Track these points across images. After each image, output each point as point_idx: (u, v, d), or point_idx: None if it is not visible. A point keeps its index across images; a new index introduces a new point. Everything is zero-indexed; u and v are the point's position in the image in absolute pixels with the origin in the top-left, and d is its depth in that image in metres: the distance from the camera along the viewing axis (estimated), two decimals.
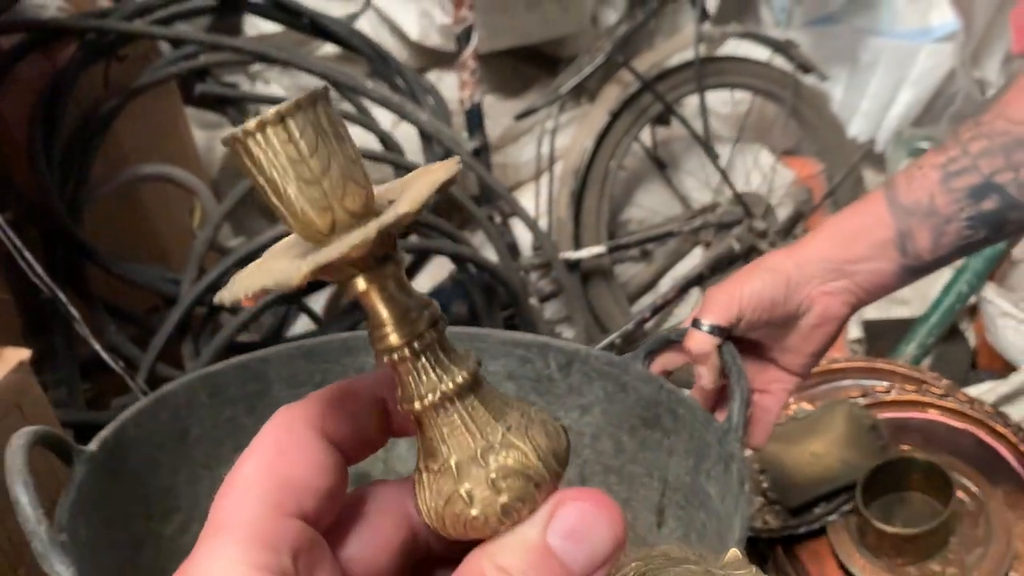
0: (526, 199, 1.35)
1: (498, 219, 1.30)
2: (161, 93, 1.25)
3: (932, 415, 0.99)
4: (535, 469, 0.25)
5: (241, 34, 1.69)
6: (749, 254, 1.41)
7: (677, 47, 1.38)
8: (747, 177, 1.50)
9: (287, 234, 0.25)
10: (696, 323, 0.63)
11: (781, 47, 1.46)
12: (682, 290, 1.39)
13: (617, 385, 0.66)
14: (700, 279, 1.39)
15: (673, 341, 0.65)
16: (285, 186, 0.23)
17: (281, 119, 0.22)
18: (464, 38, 1.29)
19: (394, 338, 0.24)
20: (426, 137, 1.31)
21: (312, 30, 1.33)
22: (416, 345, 0.25)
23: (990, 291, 1.22)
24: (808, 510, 0.91)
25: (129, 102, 1.20)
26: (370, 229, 0.22)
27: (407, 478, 0.27)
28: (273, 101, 1.58)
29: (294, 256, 0.24)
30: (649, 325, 1.35)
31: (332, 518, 0.26)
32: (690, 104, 1.47)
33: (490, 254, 1.26)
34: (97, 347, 0.98)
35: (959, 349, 1.27)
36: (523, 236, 1.38)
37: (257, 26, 1.66)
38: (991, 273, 1.24)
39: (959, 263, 1.27)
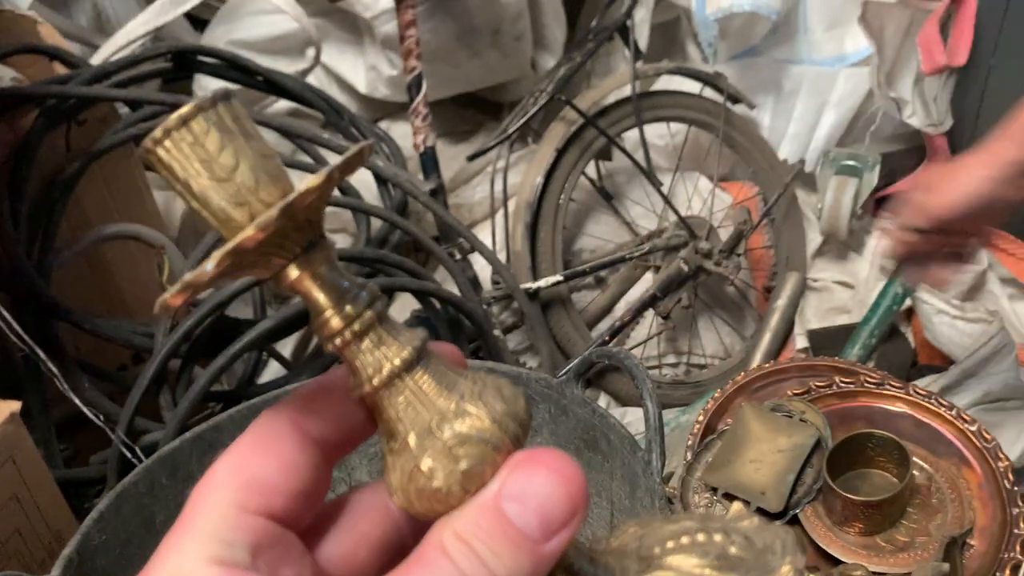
0: (483, 235, 1.41)
1: (458, 256, 1.36)
2: (121, 155, 1.28)
3: (871, 402, 1.06)
4: (492, 433, 0.24)
5: (192, 96, 1.73)
6: (697, 274, 1.48)
7: (615, 85, 1.46)
8: (688, 203, 1.58)
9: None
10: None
11: (711, 80, 1.56)
12: (637, 312, 1.45)
13: (559, 408, 0.69)
14: (653, 300, 1.45)
15: (595, 363, 0.70)
16: (200, 187, 0.23)
17: (184, 123, 0.23)
18: (415, 86, 1.35)
19: (335, 322, 0.25)
20: (382, 182, 1.36)
21: (266, 87, 1.38)
22: (356, 327, 0.25)
23: (924, 291, 1.31)
24: (788, 502, 0.97)
25: (90, 165, 1.23)
26: (271, 210, 0.22)
27: (376, 481, 0.28)
28: None
29: None
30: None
31: (309, 516, 0.26)
32: (630, 138, 1.55)
33: (452, 289, 1.31)
34: (79, 403, 0.99)
35: (900, 349, 1.35)
36: (483, 271, 1.43)
37: (207, 87, 1.71)
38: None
39: (891, 266, 1.36)
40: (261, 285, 1.30)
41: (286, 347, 1.40)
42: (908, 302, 1.33)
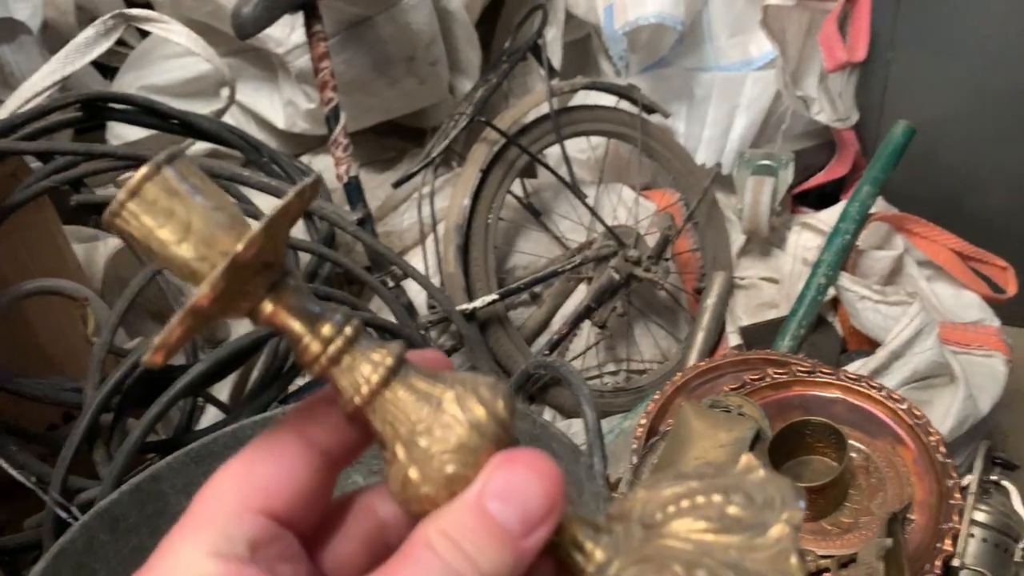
0: (415, 261, 1.41)
1: (391, 283, 1.35)
2: (35, 208, 1.24)
3: (804, 390, 1.10)
4: (470, 437, 0.26)
5: (106, 143, 1.69)
6: (629, 281, 1.50)
7: (532, 103, 1.48)
8: (614, 213, 1.61)
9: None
10: None
11: (625, 92, 1.59)
12: (573, 325, 1.47)
13: None
14: (588, 311, 1.47)
15: (534, 376, 0.70)
16: (160, 249, 0.25)
17: (134, 194, 0.24)
18: (333, 117, 1.35)
19: (313, 347, 0.26)
20: (308, 215, 1.35)
21: (182, 130, 1.36)
22: (332, 350, 0.26)
23: (846, 279, 1.35)
24: None
25: (3, 222, 1.19)
26: (216, 272, 0.23)
27: (373, 484, 0.29)
28: None
29: None
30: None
31: (313, 519, 0.27)
32: (552, 154, 1.57)
33: (388, 317, 1.30)
34: (7, 467, 0.96)
35: (828, 337, 1.39)
36: (418, 296, 1.43)
37: (121, 135, 1.68)
38: (844, 263, 1.38)
39: (814, 259, 1.40)
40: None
41: (223, 390, 1.37)
42: (832, 291, 1.37)
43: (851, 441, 1.04)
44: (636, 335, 1.61)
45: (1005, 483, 1.08)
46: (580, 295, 1.52)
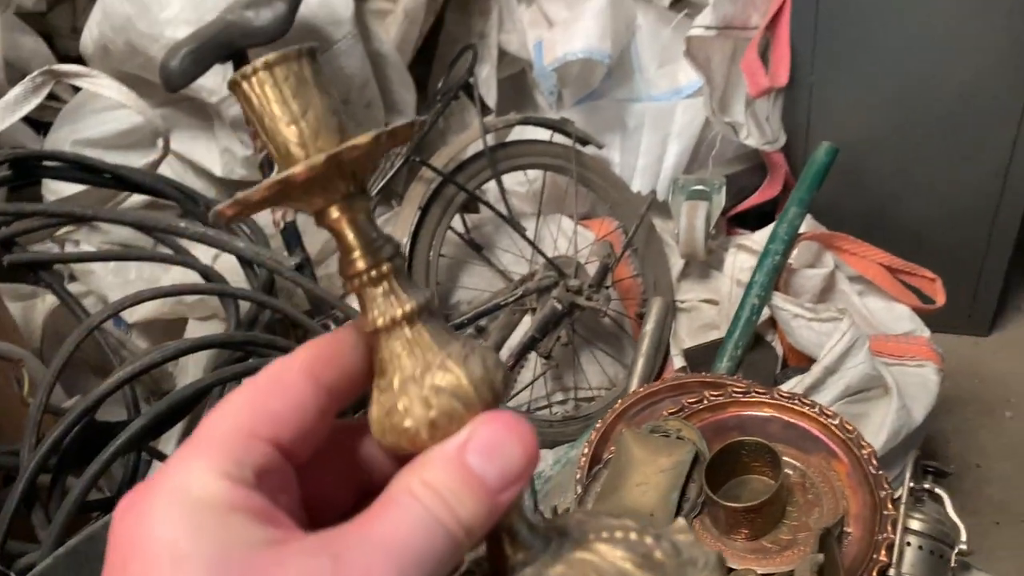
0: (356, 303, 1.41)
1: (333, 326, 1.36)
2: None
3: (740, 411, 1.12)
4: (464, 392, 0.27)
5: (41, 201, 1.68)
6: (572, 311, 1.52)
7: (467, 141, 1.51)
8: (555, 244, 1.63)
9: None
10: None
11: (559, 126, 1.62)
12: (519, 356, 1.48)
13: None
14: (533, 342, 1.49)
15: None
16: (270, 123, 0.27)
17: (269, 67, 0.26)
18: (267, 164, 1.36)
19: (360, 264, 0.28)
20: (247, 263, 1.35)
21: (116, 183, 1.35)
22: (375, 273, 0.28)
23: (779, 299, 1.39)
24: (676, 518, 1.00)
25: None
26: (320, 155, 0.26)
27: (354, 419, 0.31)
28: (91, 259, 1.57)
29: None
30: None
31: (309, 453, 0.28)
32: (492, 189, 1.60)
33: None
34: None
35: (766, 356, 1.43)
36: None
37: (57, 191, 1.67)
38: (776, 283, 1.41)
39: (748, 279, 1.44)
40: (131, 384, 1.27)
41: (169, 443, 1.36)
42: (767, 311, 1.40)
43: (786, 458, 1.06)
44: (583, 363, 1.63)
45: (938, 491, 1.11)
46: (525, 327, 1.54)
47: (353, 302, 1.50)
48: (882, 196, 1.78)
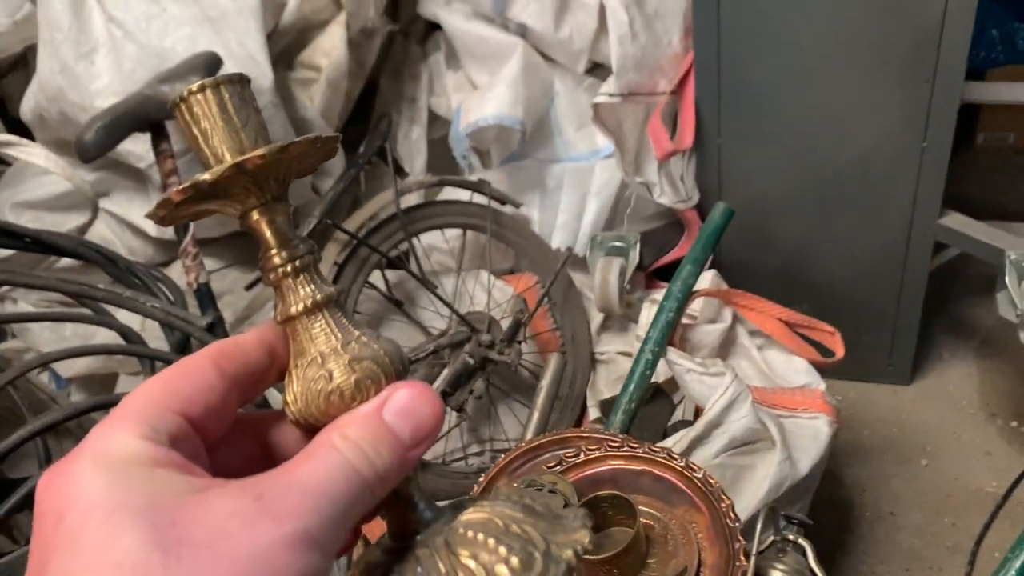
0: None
1: None
2: None
3: (614, 465, 1.17)
4: (381, 360, 0.32)
5: None
6: (485, 364, 1.58)
7: (379, 204, 1.58)
8: (472, 299, 1.69)
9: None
10: None
11: (475, 186, 1.70)
12: None
13: None
14: (444, 396, 1.54)
15: None
16: (213, 131, 0.31)
17: (217, 85, 0.31)
18: (182, 229, 1.43)
19: (277, 259, 0.32)
20: (162, 323, 1.41)
21: (37, 247, 1.42)
22: (294, 265, 0.32)
23: (673, 354, 1.44)
24: None
25: None
26: (226, 163, 0.30)
27: (267, 410, 0.36)
28: (9, 320, 1.63)
29: None
30: None
31: (217, 434, 0.32)
32: (424, 242, 1.66)
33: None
34: None
35: (661, 409, 1.48)
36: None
37: None
38: (670, 339, 1.47)
39: (643, 334, 1.49)
40: (43, 437, 1.32)
41: None
42: (662, 365, 1.45)
43: (652, 511, 1.11)
44: (500, 414, 1.68)
45: (801, 541, 1.16)
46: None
47: None
48: (794, 253, 1.84)
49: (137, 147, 1.58)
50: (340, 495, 0.29)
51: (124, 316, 1.48)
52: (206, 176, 0.30)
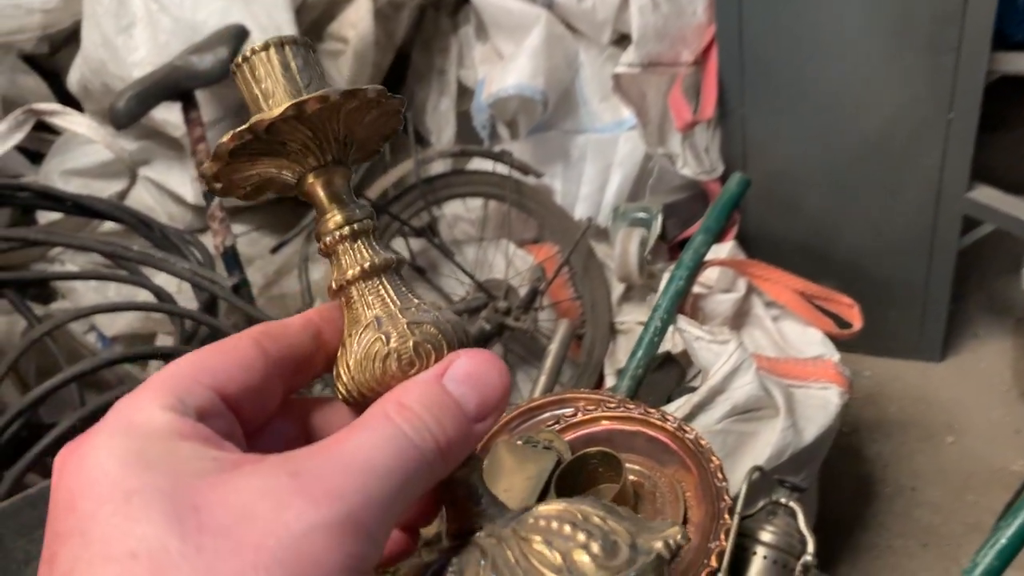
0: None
1: None
2: None
3: (609, 425, 1.19)
4: (443, 326, 0.29)
5: (35, 221, 1.86)
6: (501, 330, 1.62)
7: (400, 173, 1.62)
8: (497, 267, 1.73)
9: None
10: None
11: (497, 156, 1.73)
12: None
13: None
14: None
15: None
16: (275, 90, 0.29)
17: (282, 44, 0.29)
18: (209, 194, 1.49)
19: (333, 222, 0.30)
20: (194, 283, 1.49)
21: (77, 211, 1.51)
22: (352, 229, 0.30)
23: (683, 322, 1.46)
24: None
25: None
26: (284, 106, 0.28)
27: (315, 396, 0.33)
28: (51, 278, 1.73)
29: None
30: None
31: (260, 417, 0.29)
32: (448, 212, 1.70)
33: None
34: None
35: (668, 375, 1.49)
36: None
37: (48, 217, 1.84)
38: (680, 307, 1.48)
39: (653, 303, 1.51)
40: (79, 381, 1.41)
41: None
42: (671, 332, 1.47)
43: (643, 469, 1.13)
44: (518, 381, 1.72)
45: (792, 504, 1.17)
46: None
47: None
48: (819, 226, 1.83)
49: (172, 116, 1.65)
50: (392, 472, 0.25)
51: (161, 279, 1.57)
52: (262, 116, 0.28)
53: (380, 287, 0.30)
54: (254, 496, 0.23)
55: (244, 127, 0.28)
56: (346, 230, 0.30)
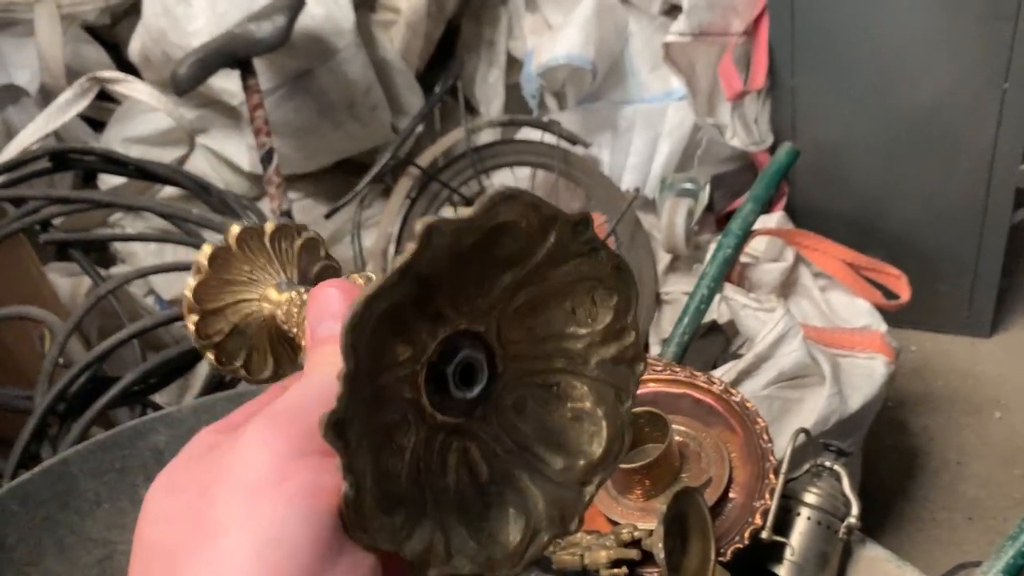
0: None
1: None
2: (10, 246, 1.45)
3: (656, 388, 1.22)
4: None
5: (96, 187, 1.92)
6: None
7: (450, 141, 1.65)
8: None
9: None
10: None
11: (545, 126, 1.74)
12: None
13: None
14: None
15: None
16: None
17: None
18: (267, 159, 1.53)
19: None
20: None
21: (139, 174, 1.56)
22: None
23: (730, 290, 1.47)
24: None
25: None
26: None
27: None
28: (110, 239, 1.79)
29: None
30: None
31: None
32: (500, 180, 1.72)
33: None
34: None
35: (714, 342, 1.51)
36: None
37: (108, 182, 1.90)
38: (728, 275, 1.49)
39: (699, 273, 1.52)
40: (142, 337, 1.46)
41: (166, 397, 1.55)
42: (717, 302, 1.48)
43: (689, 430, 1.15)
44: None
45: (837, 467, 1.18)
46: None
47: None
48: (869, 199, 1.82)
49: (230, 84, 1.70)
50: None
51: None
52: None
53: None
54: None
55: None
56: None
